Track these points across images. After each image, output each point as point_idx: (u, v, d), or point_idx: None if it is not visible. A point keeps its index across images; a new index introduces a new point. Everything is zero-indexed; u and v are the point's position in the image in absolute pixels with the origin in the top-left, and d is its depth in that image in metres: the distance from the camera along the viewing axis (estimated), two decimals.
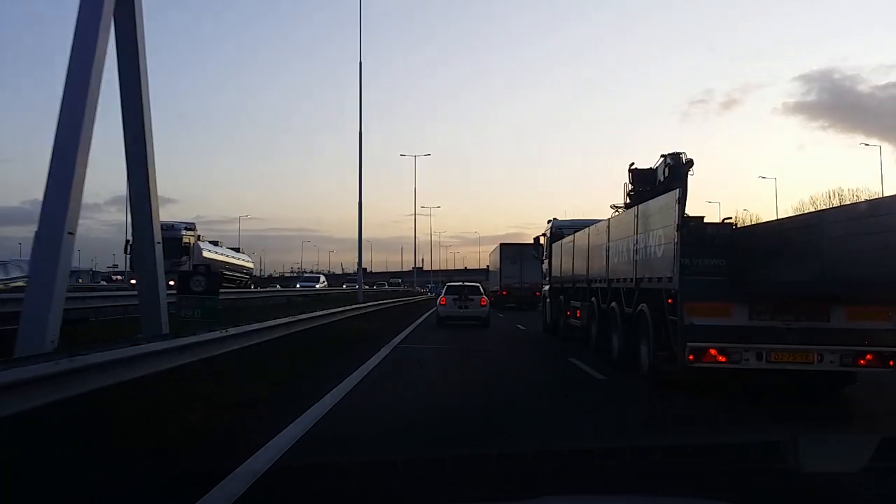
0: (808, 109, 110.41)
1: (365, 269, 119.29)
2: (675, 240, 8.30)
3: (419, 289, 75.30)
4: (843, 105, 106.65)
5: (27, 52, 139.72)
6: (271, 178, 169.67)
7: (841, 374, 8.30)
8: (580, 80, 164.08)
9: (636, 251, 10.06)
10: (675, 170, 12.73)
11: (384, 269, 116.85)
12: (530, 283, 39.69)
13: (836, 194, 44.52)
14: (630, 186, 14.07)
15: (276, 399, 7.10)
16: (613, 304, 11.49)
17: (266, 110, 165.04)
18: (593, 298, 13.28)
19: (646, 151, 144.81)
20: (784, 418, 6.62)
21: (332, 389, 7.76)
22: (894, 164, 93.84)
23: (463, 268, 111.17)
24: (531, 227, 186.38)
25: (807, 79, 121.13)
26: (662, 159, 13.29)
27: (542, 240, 21.76)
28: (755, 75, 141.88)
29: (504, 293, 40.01)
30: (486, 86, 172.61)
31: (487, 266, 52.56)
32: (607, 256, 11.97)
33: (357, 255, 33.84)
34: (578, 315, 15.51)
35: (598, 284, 12.84)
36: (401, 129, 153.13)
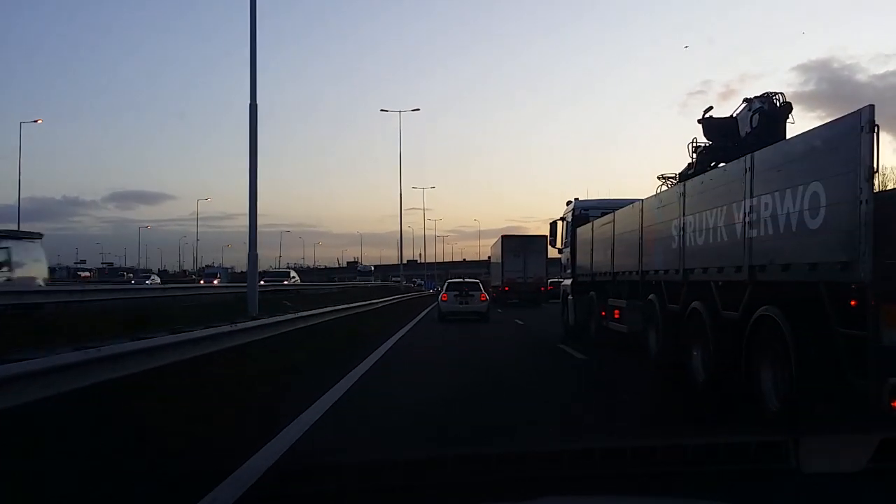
0: (807, 99, 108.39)
1: (356, 262, 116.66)
2: (864, 199, 4.72)
3: (403, 282, 63.08)
4: (841, 94, 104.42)
5: (26, 51, 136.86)
6: (270, 175, 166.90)
7: None
8: (577, 72, 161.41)
9: (750, 224, 6.50)
10: (769, 117, 9.21)
11: (377, 263, 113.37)
12: (534, 278, 37.33)
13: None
14: (696, 145, 10.55)
15: None
16: (696, 304, 7.96)
17: (264, 105, 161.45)
18: (652, 296, 9.75)
19: (645, 143, 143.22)
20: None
21: None
22: (892, 153, 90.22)
23: (462, 259, 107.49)
24: (529, 221, 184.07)
25: (805, 68, 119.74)
26: (746, 104, 9.78)
27: (559, 225, 18.22)
28: (753, 66, 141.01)
29: (506, 288, 36.97)
30: (484, 79, 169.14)
31: (489, 257, 49.38)
32: (680, 237, 8.44)
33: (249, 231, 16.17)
34: (618, 316, 12.01)
35: (660, 276, 9.30)
36: (399, 117, 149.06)
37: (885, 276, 4.69)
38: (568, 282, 16.81)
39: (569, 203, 17.77)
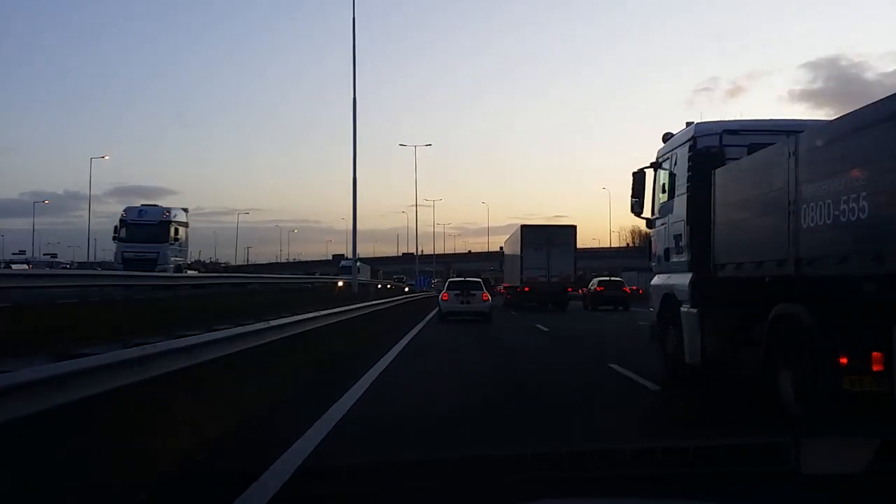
0: (815, 97, 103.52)
1: (343, 255, 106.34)
2: None
3: (362, 280, 37.93)
4: (849, 93, 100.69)
5: (27, 42, 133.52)
6: (272, 170, 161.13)
7: None
8: (582, 68, 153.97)
9: None
10: None
11: (370, 256, 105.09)
12: (560, 277, 30.28)
13: None
14: None
15: None
16: None
17: (267, 102, 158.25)
18: None
19: (650, 140, 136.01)
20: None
21: None
22: None
23: (466, 252, 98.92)
24: (532, 218, 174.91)
25: (813, 66, 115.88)
26: None
27: (649, 178, 10.19)
28: (761, 63, 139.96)
29: (526, 289, 30.39)
30: (484, 75, 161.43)
31: (501, 248, 41.52)
32: None
33: None
34: None
35: None
36: (401, 121, 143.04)
37: None
38: (677, 280, 8.77)
39: (666, 138, 9.78)
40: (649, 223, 10.24)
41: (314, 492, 3.35)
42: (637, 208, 10.22)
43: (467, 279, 24.65)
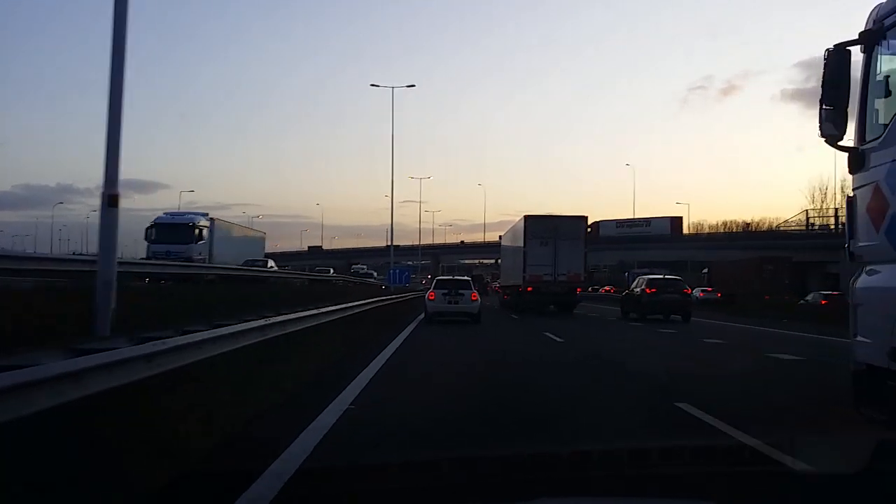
0: (808, 96, 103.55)
1: (320, 246, 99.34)
2: None
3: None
4: None
5: (22, 37, 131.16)
6: (262, 164, 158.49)
7: None
8: (576, 65, 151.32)
9: None
10: None
11: (353, 247, 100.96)
12: (568, 275, 26.29)
13: None
14: None
15: None
16: None
17: (263, 95, 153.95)
18: None
19: (644, 137, 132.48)
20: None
21: None
22: None
23: (459, 242, 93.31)
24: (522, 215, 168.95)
25: (807, 65, 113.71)
26: None
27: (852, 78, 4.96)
28: (755, 62, 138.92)
29: (529, 289, 26.15)
30: (479, 72, 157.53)
31: (500, 238, 36.74)
32: None
33: None
34: None
35: None
36: (398, 112, 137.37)
37: None
38: None
39: None
40: (856, 160, 5.02)
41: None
42: (832, 127, 4.96)
43: (455, 277, 24.36)
